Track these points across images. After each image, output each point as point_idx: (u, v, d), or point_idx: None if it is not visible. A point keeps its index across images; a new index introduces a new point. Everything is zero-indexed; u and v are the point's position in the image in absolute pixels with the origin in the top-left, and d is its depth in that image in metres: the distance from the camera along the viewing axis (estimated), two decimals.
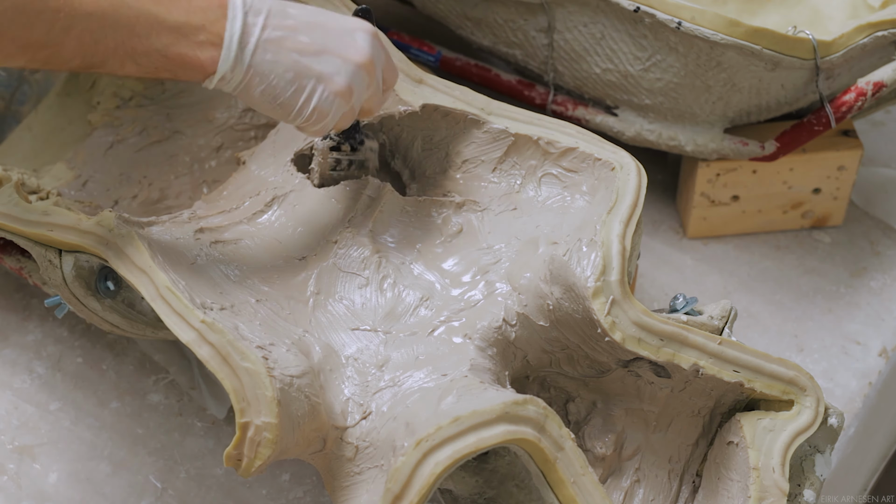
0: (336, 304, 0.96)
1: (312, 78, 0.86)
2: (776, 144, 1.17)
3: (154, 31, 0.81)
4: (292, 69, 0.85)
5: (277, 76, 0.85)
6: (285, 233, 1.00)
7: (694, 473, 0.95)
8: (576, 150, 0.99)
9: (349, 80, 0.87)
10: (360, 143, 1.02)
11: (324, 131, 0.90)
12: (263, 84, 0.85)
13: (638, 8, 1.08)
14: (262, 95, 0.86)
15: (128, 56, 0.81)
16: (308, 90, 0.86)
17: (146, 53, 0.82)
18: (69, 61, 0.81)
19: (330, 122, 0.89)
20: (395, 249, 1.00)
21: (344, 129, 0.99)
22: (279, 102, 0.87)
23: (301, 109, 0.87)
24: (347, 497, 0.87)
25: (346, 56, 0.87)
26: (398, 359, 0.92)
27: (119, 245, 0.89)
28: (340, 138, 1.01)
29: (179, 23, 0.82)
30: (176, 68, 0.83)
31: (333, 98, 0.87)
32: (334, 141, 1.01)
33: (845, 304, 1.21)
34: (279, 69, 0.85)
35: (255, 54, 0.84)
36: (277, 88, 0.86)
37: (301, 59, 0.86)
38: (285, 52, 0.85)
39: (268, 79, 0.85)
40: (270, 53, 0.85)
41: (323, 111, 0.87)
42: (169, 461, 1.07)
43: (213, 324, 0.84)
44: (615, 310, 0.87)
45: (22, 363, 1.14)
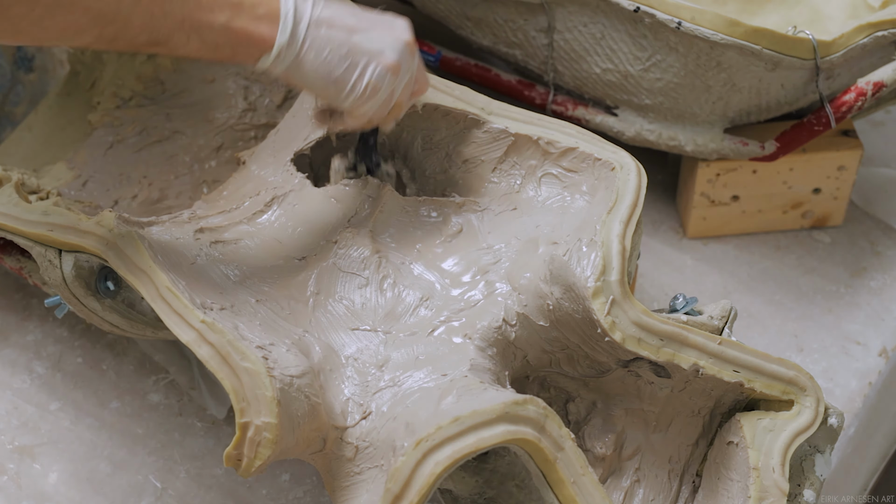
0: (336, 304, 0.96)
1: (365, 54, 0.89)
2: (776, 144, 1.17)
3: (217, 4, 0.83)
4: (345, 45, 0.88)
5: (332, 51, 0.87)
6: (285, 233, 1.00)
7: (694, 473, 0.95)
8: (576, 150, 0.99)
9: (399, 55, 0.90)
10: (376, 164, 1.02)
11: (366, 116, 0.91)
12: (318, 60, 0.87)
13: (638, 8, 1.08)
14: (317, 72, 0.88)
15: (193, 30, 0.83)
16: (362, 65, 0.89)
17: (210, 27, 0.83)
18: (136, 37, 0.81)
19: (377, 102, 0.90)
20: (395, 249, 1.00)
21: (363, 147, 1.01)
22: (333, 78, 0.88)
23: (355, 85, 0.89)
24: (347, 497, 0.87)
25: (394, 33, 0.90)
26: (398, 359, 0.92)
27: (119, 245, 0.89)
28: (357, 158, 1.01)
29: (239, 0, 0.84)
30: (237, 44, 0.85)
31: (385, 73, 0.89)
32: (349, 161, 1.02)
33: (845, 304, 1.21)
34: (333, 45, 0.87)
35: (309, 30, 0.87)
36: (331, 64, 0.88)
37: (352, 36, 0.88)
38: (337, 28, 0.88)
39: (322, 54, 0.87)
40: (324, 29, 0.87)
41: (376, 86, 0.89)
42: (169, 461, 1.07)
43: (213, 324, 0.84)
44: (615, 310, 0.87)
45: (22, 363, 1.14)
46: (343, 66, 0.88)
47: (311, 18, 0.87)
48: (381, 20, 0.91)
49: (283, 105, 1.19)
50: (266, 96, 1.19)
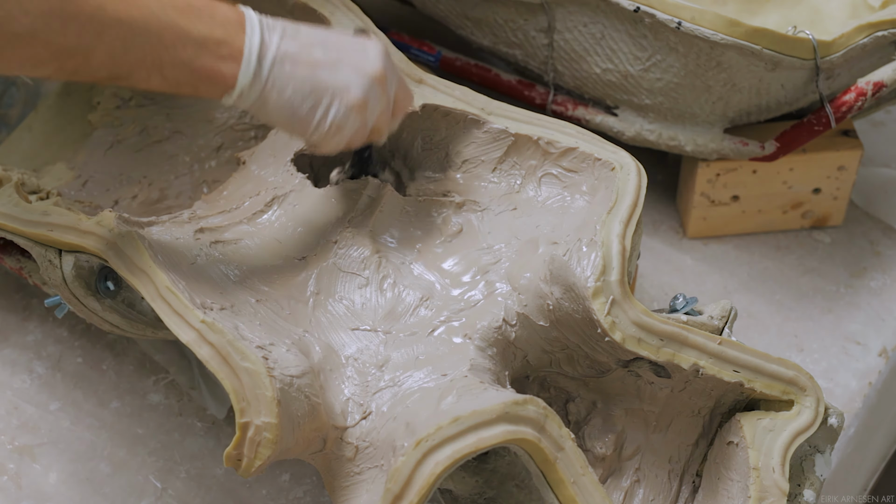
0: (336, 304, 0.96)
1: (329, 90, 0.87)
2: (776, 144, 1.17)
3: (180, 42, 0.82)
4: (309, 82, 0.86)
5: (294, 89, 0.86)
6: (285, 233, 1.00)
7: (694, 473, 0.95)
8: (576, 150, 0.99)
9: (364, 92, 0.88)
10: (373, 175, 1.02)
11: (338, 147, 0.90)
12: (281, 98, 0.86)
13: (638, 8, 1.08)
14: (280, 110, 0.87)
15: (155, 67, 0.82)
16: (325, 104, 0.87)
17: (172, 65, 0.83)
18: (97, 70, 0.81)
19: (345, 137, 0.89)
20: (395, 249, 1.00)
21: (358, 161, 1.01)
22: (297, 117, 0.87)
23: (319, 124, 0.88)
24: (347, 497, 0.87)
25: (361, 68, 0.88)
26: (398, 359, 0.92)
27: (119, 245, 0.89)
28: (355, 170, 1.02)
29: (203, 36, 0.83)
30: (199, 82, 0.84)
31: (349, 111, 0.88)
32: (347, 172, 1.02)
33: (845, 304, 1.21)
34: (296, 82, 0.86)
35: (272, 68, 0.85)
36: (294, 102, 0.86)
37: (317, 73, 0.87)
38: (301, 65, 0.86)
39: (285, 92, 0.86)
40: (288, 66, 0.86)
41: (340, 125, 0.88)
42: (169, 461, 1.07)
43: (213, 324, 0.84)
44: (615, 310, 0.87)
45: (22, 363, 1.14)
46: (307, 104, 0.87)
47: (276, 56, 0.85)
48: (351, 49, 0.89)
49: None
50: None
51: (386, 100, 0.91)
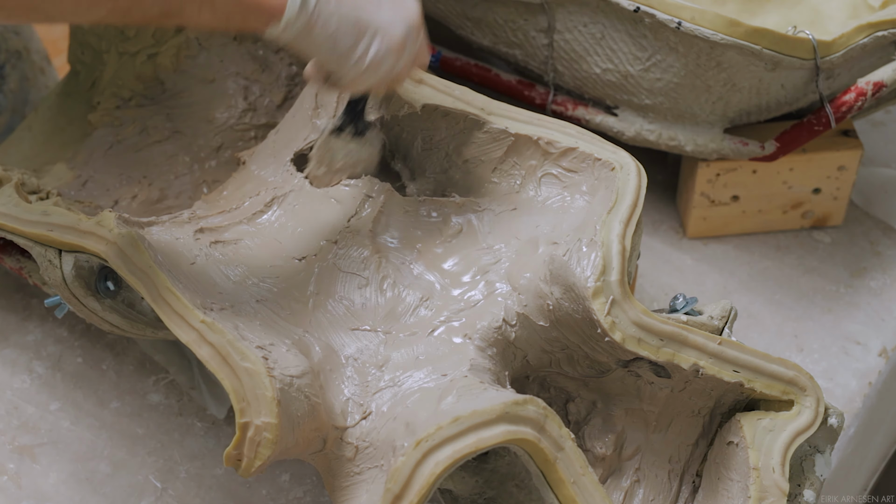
0: (336, 305, 0.96)
1: (372, 27, 0.89)
2: (776, 144, 1.17)
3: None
4: (353, 17, 0.88)
5: (339, 23, 0.88)
6: (285, 233, 1.00)
7: (694, 473, 0.95)
8: (576, 150, 0.99)
9: (404, 35, 0.90)
10: (364, 127, 1.01)
11: (366, 86, 0.92)
12: (326, 31, 0.88)
13: (638, 8, 1.08)
14: (323, 43, 0.88)
15: (206, 1, 0.83)
16: (367, 40, 0.89)
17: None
18: (149, 8, 0.82)
19: (379, 76, 0.91)
20: (395, 249, 1.00)
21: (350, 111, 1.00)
22: (339, 51, 0.89)
23: (360, 59, 0.89)
24: (347, 497, 0.87)
25: (403, 12, 0.91)
26: (398, 359, 0.92)
27: (119, 245, 0.89)
28: (345, 119, 1.00)
29: None
30: (247, 13, 0.85)
31: (388, 51, 0.90)
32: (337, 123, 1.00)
33: (845, 304, 1.21)
34: (341, 16, 0.88)
35: (319, 1, 0.87)
36: (338, 35, 0.88)
37: (361, 10, 0.89)
38: (347, 1, 0.88)
39: (330, 25, 0.88)
40: (333, 1, 0.88)
41: (379, 63, 0.90)
42: (169, 461, 1.07)
43: (213, 324, 0.84)
44: (615, 310, 0.87)
45: (22, 363, 1.14)
46: (349, 39, 0.89)
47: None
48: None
49: (283, 105, 1.19)
50: (266, 96, 1.19)
51: (416, 49, 0.93)
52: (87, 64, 1.23)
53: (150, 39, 1.21)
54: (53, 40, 1.72)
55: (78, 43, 1.23)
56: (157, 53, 1.21)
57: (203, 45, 1.21)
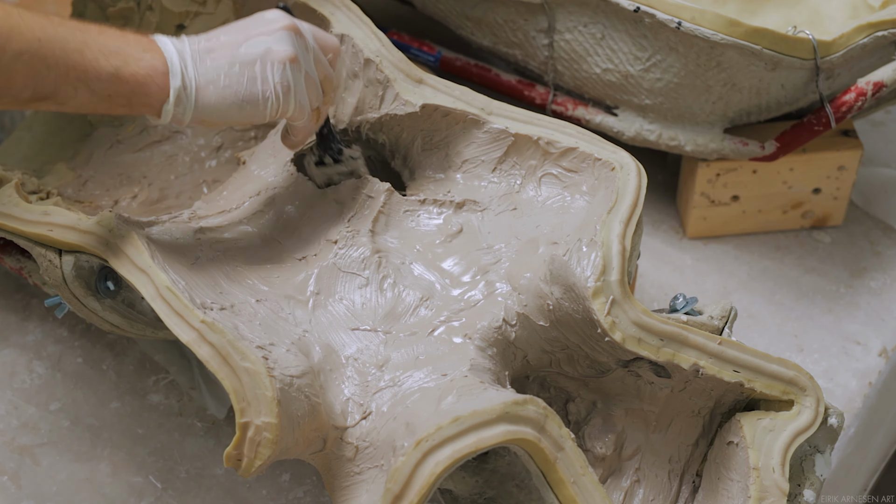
0: (336, 304, 0.96)
1: (256, 59, 0.87)
2: (776, 144, 1.17)
3: (102, 55, 0.82)
4: (234, 62, 0.87)
5: (226, 74, 0.86)
6: (285, 233, 1.00)
7: (694, 473, 0.95)
8: (576, 150, 0.99)
9: (287, 44, 0.88)
10: (338, 152, 1.02)
11: (304, 113, 0.90)
12: (218, 89, 0.86)
13: (638, 8, 1.08)
14: (224, 101, 0.86)
15: (80, 81, 0.81)
16: (259, 73, 0.87)
17: (98, 77, 0.82)
18: (21, 92, 0.80)
19: (302, 97, 0.89)
20: (395, 249, 1.00)
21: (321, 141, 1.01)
22: (241, 99, 0.87)
23: (265, 94, 0.87)
24: (347, 497, 0.87)
25: (270, 29, 0.88)
26: (398, 359, 0.92)
27: (119, 245, 0.89)
28: (320, 151, 1.02)
29: (123, 48, 0.84)
30: (131, 93, 0.84)
31: (284, 66, 0.87)
32: (315, 156, 1.02)
33: (845, 304, 1.21)
34: (223, 68, 0.86)
35: (197, 65, 0.86)
36: (232, 87, 0.86)
37: (236, 52, 0.87)
38: (219, 51, 0.87)
39: (219, 82, 0.86)
40: (208, 59, 0.86)
41: (284, 84, 0.88)
42: (169, 461, 1.07)
43: (213, 324, 0.84)
44: (615, 310, 0.87)
45: (22, 363, 1.14)
46: (243, 83, 0.87)
47: (193, 53, 0.86)
48: (252, 22, 0.90)
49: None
50: None
51: (313, 46, 0.91)
52: None
53: None
54: None
55: None
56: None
57: None
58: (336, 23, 1.06)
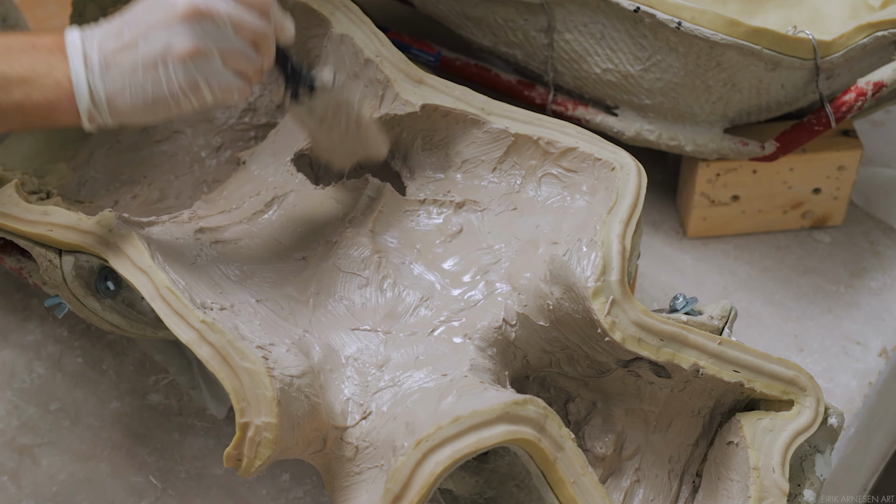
0: (336, 304, 0.96)
1: (156, 61, 0.81)
2: (776, 144, 1.17)
3: (4, 88, 0.80)
4: (136, 67, 0.81)
5: (130, 82, 0.82)
6: (285, 233, 1.00)
7: (694, 473, 0.95)
8: (576, 150, 0.99)
9: (184, 39, 0.81)
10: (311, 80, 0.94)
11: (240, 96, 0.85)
12: (125, 98, 0.82)
13: (638, 8, 1.08)
14: (134, 108, 0.83)
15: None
16: (162, 74, 0.81)
17: (6, 111, 0.81)
18: None
19: (217, 80, 0.83)
20: (395, 249, 1.00)
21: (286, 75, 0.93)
22: (151, 102, 0.82)
23: (174, 95, 0.82)
24: (347, 497, 0.87)
25: (166, 20, 0.81)
26: (398, 359, 0.92)
27: (119, 245, 0.89)
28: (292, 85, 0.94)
29: (26, 74, 0.81)
30: (44, 116, 0.82)
31: (185, 63, 0.81)
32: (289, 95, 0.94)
33: (845, 304, 1.21)
34: (127, 75, 0.82)
35: (104, 78, 0.82)
36: (138, 93, 0.82)
37: (136, 53, 0.81)
38: (122, 57, 0.82)
39: (126, 91, 0.82)
40: (113, 68, 0.82)
41: (193, 82, 0.82)
42: (169, 461, 1.07)
43: (213, 324, 0.84)
44: (615, 310, 0.87)
45: (22, 363, 1.14)
46: (148, 89, 0.82)
47: (99, 64, 0.81)
48: (150, 9, 0.82)
49: (284, 105, 1.19)
50: (266, 96, 1.19)
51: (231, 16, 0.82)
52: None
53: None
54: None
55: None
56: None
57: None
58: (336, 23, 1.06)
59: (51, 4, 1.71)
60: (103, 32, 0.83)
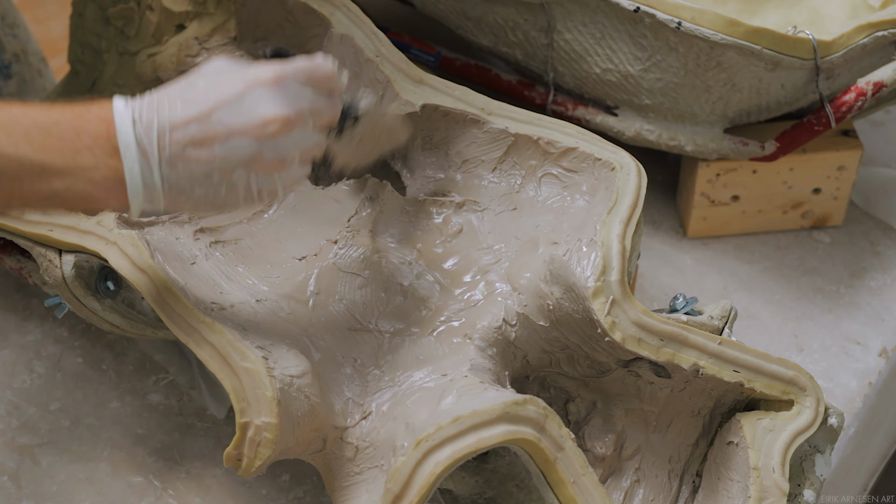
0: (336, 304, 0.96)
1: (238, 167, 0.75)
2: (776, 144, 1.17)
3: (44, 178, 0.72)
4: (212, 171, 0.75)
5: (200, 185, 0.75)
6: (285, 233, 1.00)
7: (694, 473, 0.95)
8: (576, 150, 0.99)
9: (273, 153, 0.75)
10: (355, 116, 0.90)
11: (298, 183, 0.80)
12: (191, 198, 0.75)
13: (638, 8, 1.08)
14: (196, 207, 0.76)
15: (26, 203, 0.74)
16: (240, 181, 0.76)
17: (42, 199, 0.73)
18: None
19: (290, 187, 0.79)
20: (395, 249, 1.00)
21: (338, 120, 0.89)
22: (221, 204, 0.77)
23: (248, 199, 0.77)
24: (347, 497, 0.87)
25: (254, 130, 0.75)
26: (398, 359, 0.92)
27: (119, 245, 0.89)
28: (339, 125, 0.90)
29: (68, 167, 0.72)
30: (86, 207, 0.74)
31: (270, 176, 0.76)
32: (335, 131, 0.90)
33: (845, 304, 1.21)
34: (199, 178, 0.74)
35: (165, 178, 0.74)
36: (209, 195, 0.75)
37: (214, 156, 0.74)
38: (194, 157, 0.74)
39: (192, 191, 0.75)
40: (181, 167, 0.74)
41: (272, 191, 0.77)
42: (169, 461, 1.07)
43: (213, 324, 0.84)
44: (615, 310, 0.87)
45: (22, 363, 1.14)
46: (221, 193, 0.75)
47: (162, 162, 0.73)
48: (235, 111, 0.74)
49: None
50: None
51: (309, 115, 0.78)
52: (87, 64, 1.23)
53: (151, 39, 1.21)
54: (53, 40, 1.72)
55: (78, 42, 1.23)
56: (158, 53, 1.21)
57: (203, 45, 1.21)
58: (336, 23, 1.06)
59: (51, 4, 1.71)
60: (161, 120, 0.74)
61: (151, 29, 1.21)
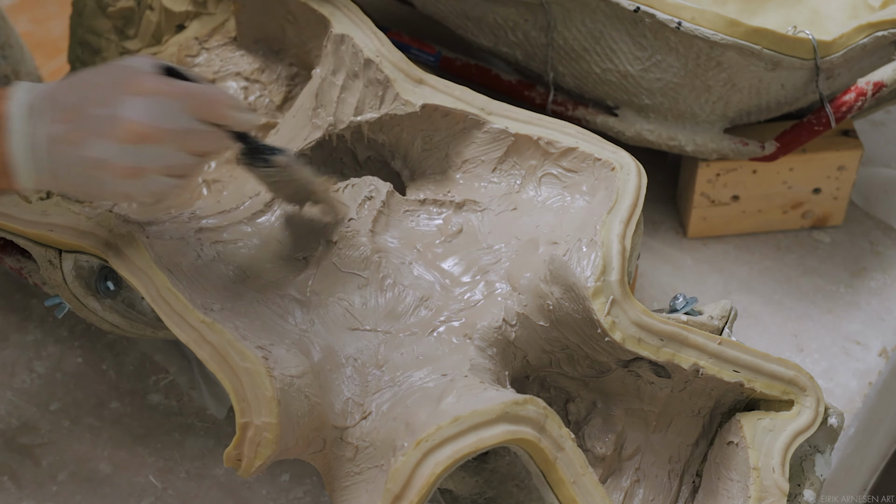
0: (336, 304, 0.96)
1: (93, 167, 0.80)
2: (776, 144, 1.17)
3: None
4: (72, 163, 0.80)
5: (65, 174, 0.80)
6: (285, 233, 1.00)
7: (694, 473, 0.95)
8: (576, 151, 0.99)
9: (126, 158, 0.79)
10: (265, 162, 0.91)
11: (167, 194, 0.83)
12: (60, 183, 0.81)
13: (638, 8, 1.08)
14: (68, 191, 0.82)
15: None
16: (95, 180, 0.80)
17: None
18: None
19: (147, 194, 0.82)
20: (395, 249, 1.00)
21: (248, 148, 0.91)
22: (85, 194, 0.82)
23: (105, 196, 0.82)
24: (347, 497, 0.87)
25: (110, 133, 0.79)
26: (398, 359, 0.92)
27: (119, 245, 0.89)
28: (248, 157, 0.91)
29: None
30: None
31: (122, 181, 0.81)
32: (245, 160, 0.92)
33: (845, 304, 1.21)
34: (63, 167, 0.80)
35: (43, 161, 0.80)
36: (74, 184, 0.81)
37: (76, 151, 0.79)
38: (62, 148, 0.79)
39: (60, 176, 0.80)
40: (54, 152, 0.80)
41: (128, 194, 0.81)
42: (169, 461, 1.07)
43: (213, 324, 0.84)
44: (615, 310, 0.87)
45: (22, 363, 1.14)
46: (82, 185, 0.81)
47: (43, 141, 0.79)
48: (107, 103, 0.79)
49: (283, 105, 1.19)
50: (266, 96, 1.19)
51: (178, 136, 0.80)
52: (87, 64, 1.23)
53: (151, 39, 1.21)
54: (53, 40, 1.72)
55: (77, 42, 1.23)
56: (158, 53, 1.21)
57: (203, 45, 1.21)
58: (336, 23, 1.06)
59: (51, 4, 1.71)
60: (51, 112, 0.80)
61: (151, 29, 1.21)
